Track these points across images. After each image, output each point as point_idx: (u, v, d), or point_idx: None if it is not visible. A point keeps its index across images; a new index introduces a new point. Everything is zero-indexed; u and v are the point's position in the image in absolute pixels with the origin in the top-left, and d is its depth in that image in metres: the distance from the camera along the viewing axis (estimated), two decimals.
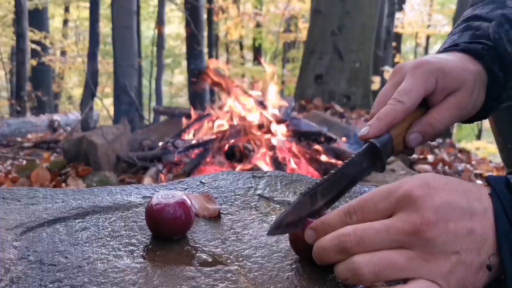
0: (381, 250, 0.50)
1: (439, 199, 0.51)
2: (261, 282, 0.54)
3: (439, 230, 0.50)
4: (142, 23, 12.55)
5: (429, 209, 0.50)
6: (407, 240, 0.50)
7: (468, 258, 0.50)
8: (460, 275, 0.50)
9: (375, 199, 0.53)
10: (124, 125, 3.94)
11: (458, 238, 0.50)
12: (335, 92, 6.70)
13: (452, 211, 0.50)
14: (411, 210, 0.51)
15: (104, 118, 10.92)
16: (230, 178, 0.94)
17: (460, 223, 0.50)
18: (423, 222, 0.50)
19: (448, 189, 0.52)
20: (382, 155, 0.64)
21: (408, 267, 0.50)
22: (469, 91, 0.69)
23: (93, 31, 6.58)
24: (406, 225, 0.50)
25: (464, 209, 0.51)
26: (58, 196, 0.80)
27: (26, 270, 0.54)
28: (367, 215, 0.53)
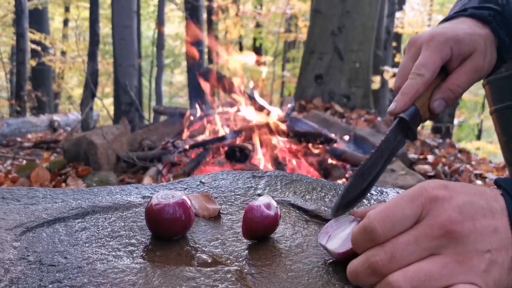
0: (414, 263, 0.49)
1: (461, 199, 0.50)
2: (261, 283, 0.54)
3: (467, 228, 0.49)
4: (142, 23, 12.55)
5: (454, 209, 0.49)
6: (438, 244, 0.49)
7: (499, 257, 0.49)
8: (496, 275, 0.49)
9: (401, 206, 0.51)
10: (124, 125, 3.94)
11: (485, 236, 0.49)
12: (335, 92, 6.69)
13: (475, 210, 0.50)
14: (437, 213, 0.50)
15: (104, 118, 10.91)
16: (230, 178, 0.94)
17: (485, 221, 0.50)
18: (451, 222, 0.49)
19: (466, 190, 0.52)
20: (411, 126, 0.72)
21: (444, 275, 0.48)
22: (482, 53, 0.75)
23: (93, 31, 6.58)
24: (435, 229, 0.49)
25: (485, 208, 0.51)
26: (58, 196, 0.80)
27: (26, 271, 0.54)
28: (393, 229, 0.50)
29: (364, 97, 6.79)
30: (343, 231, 0.60)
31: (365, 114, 6.04)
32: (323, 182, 0.93)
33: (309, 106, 6.18)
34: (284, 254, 0.62)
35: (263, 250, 0.63)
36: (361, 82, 6.83)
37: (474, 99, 13.41)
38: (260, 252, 0.62)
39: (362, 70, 6.86)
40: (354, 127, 4.17)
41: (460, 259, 0.48)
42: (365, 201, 0.83)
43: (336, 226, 0.62)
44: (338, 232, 0.60)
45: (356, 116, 5.89)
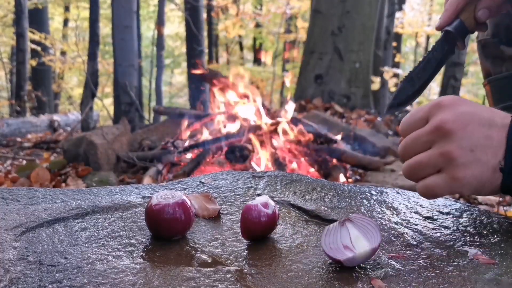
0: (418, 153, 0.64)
1: (463, 108, 0.62)
2: (261, 283, 0.54)
3: (456, 128, 0.60)
4: (142, 23, 12.54)
5: (452, 113, 0.61)
6: (431, 139, 0.62)
7: (483, 157, 0.60)
8: (476, 171, 0.60)
9: (415, 113, 0.66)
10: (124, 125, 3.93)
11: (474, 138, 0.60)
12: (335, 92, 6.69)
13: (472, 118, 0.61)
14: (437, 115, 0.62)
15: (104, 118, 10.91)
16: (230, 178, 0.94)
17: (478, 128, 0.60)
18: (443, 121, 0.61)
19: (475, 105, 0.63)
20: (457, 37, 0.82)
21: (430, 165, 0.62)
22: None
23: (93, 31, 6.58)
24: (429, 126, 0.62)
25: (485, 119, 0.61)
26: (58, 196, 0.80)
27: (26, 271, 0.54)
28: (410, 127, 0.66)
29: (364, 97, 6.79)
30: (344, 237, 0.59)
31: (365, 114, 6.04)
32: (323, 182, 0.93)
33: (309, 106, 6.18)
34: (284, 254, 0.62)
35: (263, 250, 0.63)
36: (361, 82, 6.83)
37: (474, 100, 13.42)
38: (260, 252, 0.62)
39: (362, 70, 6.85)
40: (354, 127, 4.17)
41: (443, 151, 0.61)
42: (365, 201, 0.83)
43: (332, 238, 0.59)
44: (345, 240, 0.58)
45: (356, 116, 5.89)
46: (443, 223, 0.74)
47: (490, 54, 1.15)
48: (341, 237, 0.59)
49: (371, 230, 0.59)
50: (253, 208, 0.64)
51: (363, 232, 0.59)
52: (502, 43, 1.11)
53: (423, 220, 0.75)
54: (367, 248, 0.57)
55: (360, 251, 0.57)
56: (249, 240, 0.65)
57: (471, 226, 0.73)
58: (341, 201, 0.82)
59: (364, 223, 0.60)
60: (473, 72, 14.24)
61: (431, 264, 0.59)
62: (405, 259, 0.60)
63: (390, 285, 0.53)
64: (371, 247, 0.57)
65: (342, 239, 0.59)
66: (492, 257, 0.61)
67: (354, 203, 0.81)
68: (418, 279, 0.55)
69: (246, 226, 0.64)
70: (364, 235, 0.58)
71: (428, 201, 0.85)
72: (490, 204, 2.57)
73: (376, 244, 0.57)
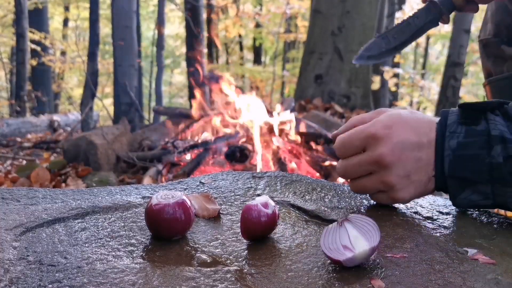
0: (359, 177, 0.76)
1: (396, 138, 0.71)
2: (261, 283, 0.54)
3: (393, 160, 0.70)
4: (142, 23, 12.54)
5: (387, 146, 0.71)
6: (372, 168, 0.73)
7: (417, 177, 0.72)
8: (412, 190, 0.73)
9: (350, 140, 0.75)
10: (124, 125, 3.93)
11: (408, 165, 0.71)
12: (335, 92, 6.69)
13: (405, 146, 0.71)
14: (375, 147, 0.72)
15: (104, 118, 10.91)
16: (229, 178, 0.94)
17: (410, 154, 0.71)
18: (382, 155, 0.71)
19: (405, 129, 0.71)
20: (442, 9, 0.80)
21: (372, 188, 0.75)
22: None
23: (93, 31, 6.58)
24: (371, 158, 0.72)
25: (414, 144, 0.71)
26: (58, 196, 0.80)
27: (26, 271, 0.54)
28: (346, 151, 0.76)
29: (364, 97, 6.79)
30: (343, 237, 0.59)
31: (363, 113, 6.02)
32: (323, 182, 0.93)
33: (309, 106, 6.18)
34: (284, 254, 0.62)
35: (263, 250, 0.63)
36: (361, 82, 6.83)
37: (473, 100, 13.40)
38: (260, 252, 0.62)
39: (362, 70, 6.86)
40: None
41: (383, 180, 0.72)
42: (365, 201, 0.83)
43: (331, 238, 0.59)
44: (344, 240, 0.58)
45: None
46: (443, 223, 0.74)
47: (492, 54, 1.15)
48: (340, 237, 0.59)
49: (370, 230, 0.59)
50: (253, 208, 0.64)
51: (362, 232, 0.59)
52: (503, 42, 1.10)
53: (423, 220, 0.75)
54: (367, 248, 0.57)
55: (360, 251, 0.57)
56: (249, 240, 0.65)
57: (471, 226, 0.73)
58: (341, 201, 0.82)
59: (363, 223, 0.60)
60: (473, 72, 14.24)
61: (430, 264, 0.59)
62: (405, 259, 0.60)
63: (390, 285, 0.53)
64: (370, 247, 0.57)
65: (341, 239, 0.59)
66: (492, 257, 0.61)
67: (354, 203, 0.82)
68: (417, 279, 0.55)
69: (246, 226, 0.64)
70: (363, 235, 0.58)
71: (428, 201, 0.85)
72: None
73: (375, 243, 0.57)
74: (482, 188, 0.70)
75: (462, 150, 0.69)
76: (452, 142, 0.70)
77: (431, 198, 0.88)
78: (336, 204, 0.81)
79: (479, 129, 0.69)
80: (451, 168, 0.70)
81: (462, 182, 0.71)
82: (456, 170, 0.70)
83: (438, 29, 14.08)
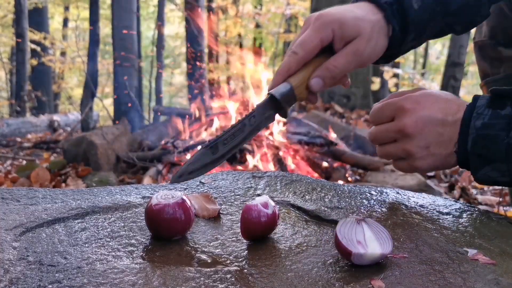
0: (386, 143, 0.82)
1: (421, 112, 0.77)
2: (261, 283, 0.54)
3: (415, 131, 0.77)
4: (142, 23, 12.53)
5: (411, 118, 0.77)
6: (396, 136, 0.79)
7: (436, 151, 0.78)
8: (430, 162, 0.79)
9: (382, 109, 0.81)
10: (124, 125, 3.93)
11: (429, 137, 0.77)
12: (334, 92, 6.69)
13: (430, 120, 0.77)
14: (401, 118, 0.78)
15: (104, 118, 10.90)
16: (229, 178, 0.94)
17: (434, 128, 0.77)
18: (405, 125, 0.77)
19: (432, 106, 0.77)
20: (281, 104, 0.76)
21: (396, 154, 0.82)
22: (365, 38, 0.78)
23: (93, 31, 6.58)
24: (396, 126, 0.79)
25: (439, 120, 0.77)
26: (58, 196, 0.80)
27: (25, 271, 0.54)
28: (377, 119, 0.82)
29: (364, 97, 6.79)
30: (359, 233, 0.60)
31: (365, 114, 6.04)
32: (323, 182, 0.93)
33: (309, 106, 6.18)
34: (284, 254, 0.62)
35: (263, 250, 0.63)
36: (361, 82, 6.83)
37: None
38: (260, 252, 0.62)
39: (362, 70, 6.85)
40: (354, 127, 4.16)
41: (405, 148, 0.79)
42: (365, 201, 0.83)
43: (348, 230, 0.60)
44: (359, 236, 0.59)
45: (356, 116, 5.89)
46: (443, 224, 0.74)
47: (488, 56, 1.15)
48: (356, 232, 0.60)
49: (383, 237, 0.60)
50: (253, 208, 0.64)
51: (376, 237, 0.59)
52: (500, 44, 1.11)
53: (423, 220, 0.75)
54: (378, 252, 0.57)
55: (371, 252, 0.57)
56: (249, 240, 0.65)
57: (471, 226, 0.73)
58: (341, 201, 0.82)
59: (379, 230, 0.61)
60: (473, 72, 14.24)
61: (430, 264, 0.59)
62: (405, 259, 0.60)
63: (390, 286, 0.53)
64: (381, 252, 0.58)
65: (357, 235, 0.59)
66: (492, 257, 0.61)
67: (354, 203, 0.81)
68: (417, 279, 0.55)
69: (246, 226, 0.64)
70: (378, 239, 0.59)
71: (428, 201, 0.85)
72: (490, 204, 2.57)
73: (387, 251, 0.58)
74: (500, 166, 0.75)
75: (485, 130, 0.75)
76: (477, 122, 0.75)
77: (431, 198, 0.88)
78: (336, 204, 0.81)
79: (503, 113, 0.74)
80: (473, 146, 0.76)
81: (482, 159, 0.76)
82: (477, 148, 0.76)
83: None
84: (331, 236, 0.68)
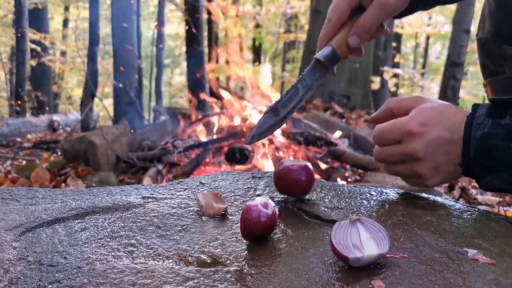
0: (395, 163, 0.84)
1: (430, 136, 0.78)
2: (261, 283, 0.54)
3: (425, 154, 0.79)
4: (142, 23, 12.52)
5: (421, 143, 0.79)
6: (406, 159, 0.81)
7: (444, 169, 0.81)
8: (441, 179, 0.82)
9: (388, 132, 0.82)
10: (124, 125, 3.93)
11: (438, 159, 0.80)
12: (335, 92, 6.69)
13: (438, 143, 0.79)
14: (410, 142, 0.79)
15: (104, 118, 10.90)
16: (229, 178, 0.94)
17: (441, 149, 0.79)
18: (415, 150, 0.79)
19: (439, 127, 0.79)
20: (327, 64, 0.85)
21: (406, 174, 0.85)
22: None
23: (93, 31, 6.58)
24: (405, 151, 0.80)
25: (446, 140, 0.79)
26: (58, 196, 0.80)
27: (25, 271, 0.54)
28: (383, 141, 0.84)
29: (364, 97, 6.79)
30: (354, 236, 0.59)
31: (365, 114, 6.03)
32: (323, 182, 0.93)
33: (309, 106, 6.18)
34: (284, 254, 0.62)
35: (262, 250, 0.63)
36: (361, 82, 6.83)
37: (473, 100, 13.41)
38: (260, 252, 0.62)
39: (362, 71, 6.86)
40: (354, 127, 4.16)
41: (415, 170, 0.81)
42: (365, 201, 0.83)
43: (343, 234, 0.60)
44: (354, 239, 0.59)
45: (356, 116, 5.89)
46: (443, 224, 0.74)
47: (491, 53, 1.14)
48: (351, 236, 0.59)
49: (380, 237, 0.59)
50: (253, 208, 0.64)
51: (373, 236, 0.59)
52: (505, 42, 1.09)
53: (423, 220, 0.75)
54: (376, 253, 0.57)
55: (368, 254, 0.57)
56: (249, 240, 0.65)
57: (471, 226, 0.73)
58: (341, 202, 0.82)
59: (375, 228, 0.60)
60: (473, 72, 14.24)
61: (430, 264, 0.59)
62: (405, 259, 0.60)
63: (390, 286, 0.53)
64: (379, 252, 0.57)
65: (352, 238, 0.59)
66: (492, 257, 0.61)
67: (354, 203, 0.81)
68: (417, 279, 0.55)
69: (246, 226, 0.64)
70: (374, 239, 0.59)
71: (428, 202, 0.85)
72: (490, 205, 2.57)
73: (384, 250, 0.58)
74: (503, 175, 0.77)
75: (486, 139, 0.76)
76: (478, 132, 0.77)
77: (431, 198, 0.88)
78: (336, 204, 0.81)
79: (503, 122, 0.76)
80: (475, 155, 0.78)
81: (485, 168, 0.78)
82: (479, 157, 0.77)
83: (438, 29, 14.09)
84: (329, 237, 0.68)
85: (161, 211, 0.75)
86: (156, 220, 0.72)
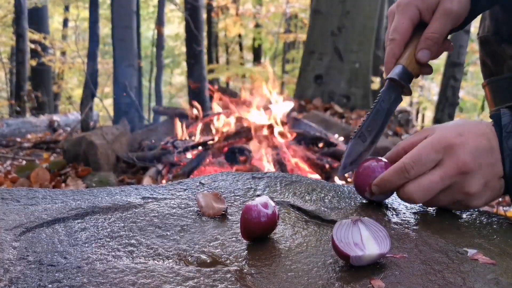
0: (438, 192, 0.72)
1: (472, 143, 0.71)
2: (261, 283, 0.54)
3: (475, 167, 0.71)
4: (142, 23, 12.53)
5: (466, 153, 0.71)
6: (457, 180, 0.71)
7: (492, 184, 0.73)
8: (488, 195, 0.73)
9: (424, 154, 0.72)
10: (124, 125, 3.94)
11: (486, 171, 0.71)
12: (334, 92, 6.69)
13: (481, 152, 0.71)
14: (453, 156, 0.71)
15: (104, 118, 10.90)
16: (229, 179, 0.94)
17: (487, 159, 0.71)
18: (465, 162, 0.70)
19: (475, 135, 0.72)
20: (402, 83, 0.80)
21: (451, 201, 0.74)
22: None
23: (93, 31, 6.57)
24: (453, 168, 0.71)
25: (488, 148, 0.72)
26: (58, 196, 0.80)
27: (25, 271, 0.54)
28: (422, 168, 0.72)
29: (364, 97, 6.79)
30: (356, 235, 0.60)
31: (365, 114, 6.02)
32: (322, 183, 0.93)
33: (309, 106, 6.18)
34: (283, 254, 0.62)
35: (262, 250, 0.63)
36: (361, 82, 6.83)
37: (473, 101, 13.41)
38: (259, 252, 0.62)
39: (362, 71, 6.86)
40: (354, 128, 4.16)
41: (465, 190, 0.72)
42: (365, 201, 0.83)
43: (344, 233, 0.60)
44: (356, 238, 0.59)
45: (356, 116, 5.88)
46: (443, 223, 0.74)
47: (491, 52, 1.13)
48: (352, 235, 0.60)
49: (381, 236, 0.59)
50: (253, 208, 0.65)
51: (374, 236, 0.59)
52: (504, 41, 1.08)
53: (423, 220, 0.75)
54: (376, 252, 0.57)
55: (369, 253, 0.57)
56: (249, 240, 0.65)
57: (471, 226, 0.73)
58: (341, 202, 0.82)
59: (376, 229, 0.61)
60: (473, 73, 14.23)
61: (430, 264, 0.59)
62: (405, 259, 0.60)
63: (390, 285, 0.53)
64: (380, 252, 0.58)
65: (354, 237, 0.59)
66: (492, 257, 0.61)
67: (354, 203, 0.82)
68: (417, 279, 0.55)
69: (246, 227, 0.64)
70: (375, 239, 0.59)
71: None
72: (490, 205, 2.57)
73: (385, 250, 0.58)
74: None
75: None
76: (510, 141, 0.72)
77: None
78: (336, 204, 0.81)
79: None
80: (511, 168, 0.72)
81: None
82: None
83: None
84: (331, 236, 0.68)
85: (161, 211, 0.75)
86: (156, 220, 0.72)
